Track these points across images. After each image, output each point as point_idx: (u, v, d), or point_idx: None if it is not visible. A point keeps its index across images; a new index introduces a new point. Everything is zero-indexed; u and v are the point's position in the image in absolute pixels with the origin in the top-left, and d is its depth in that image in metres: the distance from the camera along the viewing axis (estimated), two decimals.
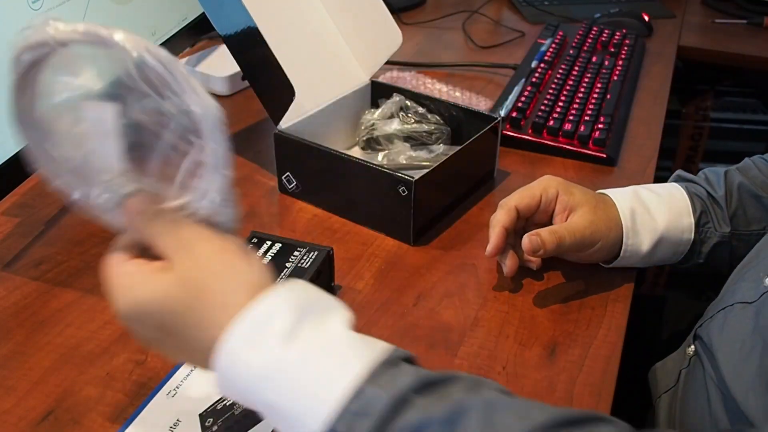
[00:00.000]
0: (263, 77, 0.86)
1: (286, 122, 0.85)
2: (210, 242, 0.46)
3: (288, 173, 0.88)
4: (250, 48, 0.85)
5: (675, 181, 0.81)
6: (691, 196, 0.76)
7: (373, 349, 0.43)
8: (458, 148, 0.84)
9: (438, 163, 0.81)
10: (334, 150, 0.83)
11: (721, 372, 0.62)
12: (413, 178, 0.77)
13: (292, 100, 0.83)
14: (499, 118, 0.89)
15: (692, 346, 0.71)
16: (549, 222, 0.75)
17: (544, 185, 0.75)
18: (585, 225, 0.72)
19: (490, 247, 0.72)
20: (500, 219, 0.73)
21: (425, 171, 0.79)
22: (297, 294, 0.45)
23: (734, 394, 0.59)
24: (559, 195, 0.74)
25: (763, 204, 0.77)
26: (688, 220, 0.75)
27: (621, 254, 0.74)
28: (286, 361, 0.42)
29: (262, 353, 0.42)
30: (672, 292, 1.00)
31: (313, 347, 0.43)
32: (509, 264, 0.74)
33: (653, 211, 0.74)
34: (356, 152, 0.95)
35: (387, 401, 0.40)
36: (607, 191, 0.76)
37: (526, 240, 0.70)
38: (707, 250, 0.76)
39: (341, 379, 0.41)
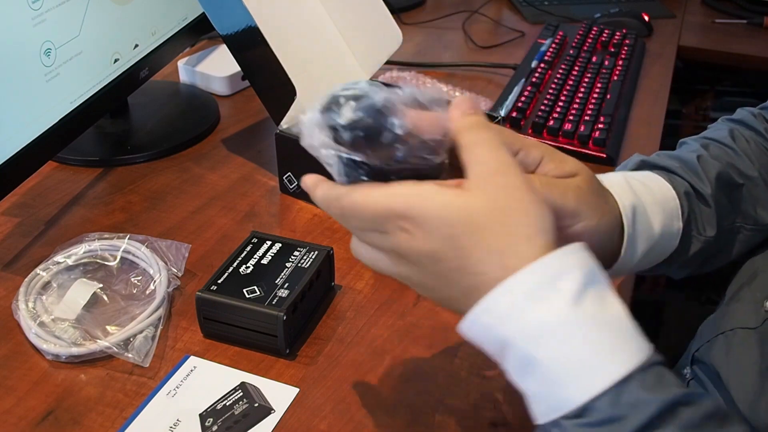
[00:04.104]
0: (264, 77, 0.86)
1: (286, 122, 0.85)
2: (520, 174, 0.46)
3: (289, 173, 0.88)
4: (250, 48, 0.85)
5: (640, 167, 0.66)
6: (680, 195, 0.63)
7: (644, 344, 0.43)
8: None
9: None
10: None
11: (736, 405, 0.59)
12: None
13: (293, 100, 0.83)
14: (499, 117, 0.89)
15: (688, 369, 0.68)
16: None
17: (527, 142, 0.53)
18: (571, 188, 0.53)
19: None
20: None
21: None
22: (586, 258, 0.44)
23: (755, 426, 0.57)
24: (543, 162, 0.53)
25: (738, 195, 0.66)
26: (677, 225, 0.62)
27: (615, 264, 0.58)
28: (567, 323, 0.42)
29: (544, 309, 0.42)
30: (671, 293, 1.00)
31: (596, 318, 0.43)
32: None
33: (650, 213, 0.59)
34: None
35: (658, 405, 0.40)
36: (602, 176, 0.59)
37: None
38: (685, 258, 0.64)
39: (621, 359, 0.42)
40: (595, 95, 1.09)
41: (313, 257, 0.70)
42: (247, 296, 0.66)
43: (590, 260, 0.45)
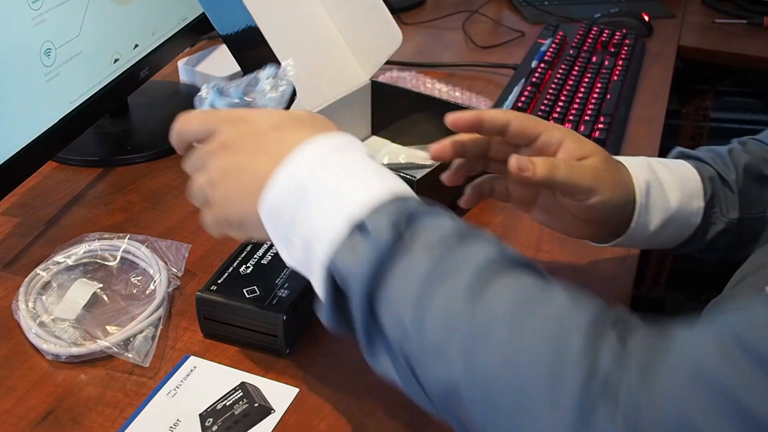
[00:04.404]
0: None
1: None
2: None
3: None
4: (250, 48, 0.85)
5: (678, 157, 0.74)
6: (704, 178, 0.70)
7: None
8: None
9: (440, 162, 0.81)
10: None
11: None
12: (416, 177, 0.77)
13: (293, 100, 0.83)
14: None
15: None
16: None
17: (548, 125, 0.65)
18: (589, 168, 0.63)
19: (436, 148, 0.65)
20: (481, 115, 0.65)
21: (427, 170, 0.79)
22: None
23: None
24: (564, 142, 0.64)
25: (765, 184, 0.72)
26: (698, 204, 0.69)
27: (628, 231, 0.66)
28: (361, 163, 0.51)
29: (343, 157, 0.52)
30: (671, 294, 1.00)
31: (373, 161, 0.52)
32: (469, 193, 0.70)
33: (667, 189, 0.68)
34: None
35: (424, 209, 0.49)
36: (620, 158, 0.68)
37: (513, 159, 0.60)
38: (710, 237, 0.70)
39: (402, 184, 0.50)
40: (595, 95, 1.09)
41: None
42: (247, 296, 0.66)
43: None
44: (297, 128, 0.54)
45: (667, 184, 0.68)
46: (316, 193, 0.49)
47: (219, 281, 0.67)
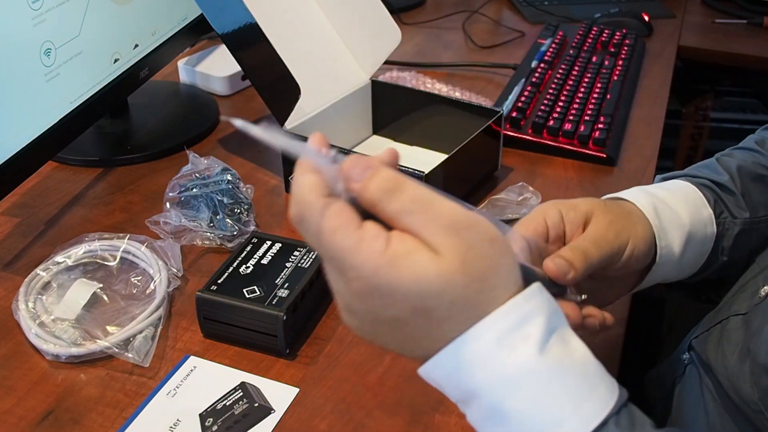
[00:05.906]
0: (265, 75, 0.86)
1: (289, 123, 0.85)
2: (477, 229, 0.42)
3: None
4: (250, 45, 0.84)
5: (664, 180, 0.72)
6: (700, 187, 0.68)
7: (613, 383, 0.44)
8: (464, 142, 0.84)
9: (447, 156, 0.81)
10: (346, 149, 0.83)
11: (721, 386, 0.61)
12: (424, 172, 0.78)
13: (297, 99, 0.83)
14: (501, 111, 0.89)
15: (687, 354, 0.69)
16: None
17: (542, 210, 0.61)
18: (604, 227, 0.59)
19: None
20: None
21: (434, 165, 0.80)
22: (547, 301, 0.44)
23: (738, 406, 0.59)
24: (564, 214, 0.60)
25: (766, 184, 0.70)
26: (707, 212, 0.66)
27: (657, 259, 0.62)
28: (536, 372, 0.41)
29: (512, 358, 0.41)
30: (671, 293, 1.00)
31: (563, 364, 0.42)
32: None
33: (673, 206, 0.64)
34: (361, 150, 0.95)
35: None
36: (615, 194, 0.66)
37: (550, 263, 0.55)
38: (729, 245, 0.67)
39: (593, 407, 0.42)
40: (595, 95, 1.09)
41: (313, 257, 0.70)
42: (247, 296, 0.66)
43: (551, 302, 0.44)
44: (442, 325, 0.42)
45: (670, 201, 0.65)
46: (480, 416, 0.43)
47: (219, 281, 0.67)
